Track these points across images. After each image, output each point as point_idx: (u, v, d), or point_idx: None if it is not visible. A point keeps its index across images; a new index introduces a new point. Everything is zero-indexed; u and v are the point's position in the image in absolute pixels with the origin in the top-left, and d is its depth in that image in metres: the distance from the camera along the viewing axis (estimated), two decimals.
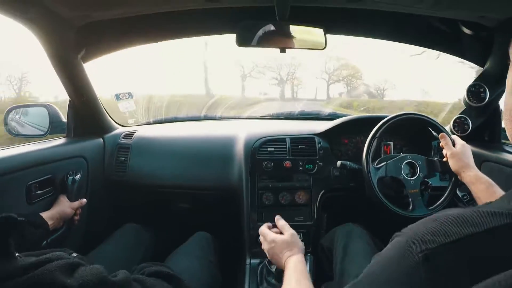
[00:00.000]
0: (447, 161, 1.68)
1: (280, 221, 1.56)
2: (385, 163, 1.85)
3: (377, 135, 1.87)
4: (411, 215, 1.72)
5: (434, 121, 1.89)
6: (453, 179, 1.75)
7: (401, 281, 0.62)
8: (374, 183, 1.82)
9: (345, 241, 1.75)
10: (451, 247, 0.58)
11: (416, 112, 1.92)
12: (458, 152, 1.65)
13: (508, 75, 0.76)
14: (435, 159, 1.83)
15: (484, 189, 1.43)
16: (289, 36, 1.78)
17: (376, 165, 1.87)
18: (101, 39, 1.98)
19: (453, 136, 1.75)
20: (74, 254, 1.18)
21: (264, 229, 1.56)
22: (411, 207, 1.77)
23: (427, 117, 1.90)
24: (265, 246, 1.51)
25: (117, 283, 0.93)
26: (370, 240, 1.75)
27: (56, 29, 1.66)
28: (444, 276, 0.57)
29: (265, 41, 1.76)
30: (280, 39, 1.78)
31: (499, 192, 1.38)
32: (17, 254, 0.82)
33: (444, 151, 1.71)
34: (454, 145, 1.70)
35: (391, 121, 1.87)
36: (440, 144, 1.72)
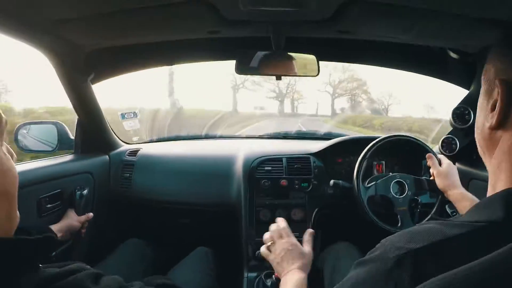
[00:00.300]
0: (434, 180, 1.76)
1: (307, 235, 1.55)
2: (374, 182, 1.94)
3: (367, 156, 1.96)
4: (399, 231, 1.78)
5: (421, 141, 1.99)
6: (440, 196, 1.83)
7: (376, 281, 0.68)
8: (364, 201, 1.91)
9: (334, 261, 1.82)
10: (418, 252, 0.65)
11: (403, 134, 2.03)
12: (444, 171, 1.73)
13: (479, 99, 0.84)
14: (423, 178, 1.92)
15: (469, 206, 1.45)
16: (284, 64, 1.87)
17: (367, 184, 1.97)
18: (110, 64, 2.10)
19: (440, 156, 1.84)
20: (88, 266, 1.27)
21: (285, 225, 1.56)
22: (399, 224, 1.86)
23: (414, 138, 2.01)
24: (278, 244, 1.47)
25: None
26: (360, 257, 1.79)
27: (68, 54, 1.75)
28: (414, 279, 0.63)
29: (262, 69, 1.86)
30: (276, 67, 1.87)
31: None
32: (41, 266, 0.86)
33: (431, 170, 1.78)
34: (440, 164, 1.78)
35: (380, 143, 1.97)
36: (427, 164, 1.80)
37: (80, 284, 0.87)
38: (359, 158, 1.98)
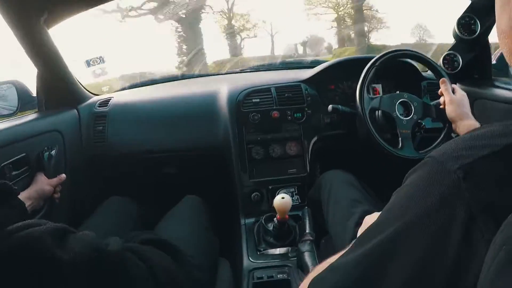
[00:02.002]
0: (443, 108, 1.62)
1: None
2: (380, 96, 1.78)
3: (377, 64, 1.79)
4: (399, 153, 1.67)
5: (428, 58, 1.81)
6: (447, 126, 1.68)
7: (440, 208, 0.52)
8: (366, 112, 1.75)
9: (330, 189, 1.69)
10: (494, 158, 0.51)
11: (410, 49, 1.84)
12: (457, 99, 1.58)
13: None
14: (432, 104, 1.76)
15: None
16: None
17: (371, 95, 1.82)
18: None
19: (453, 85, 1.68)
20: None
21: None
22: (400, 145, 1.71)
23: (421, 54, 1.82)
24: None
25: (111, 253, 0.86)
26: (357, 184, 1.70)
27: None
28: (490, 190, 0.49)
29: None
30: None
31: None
32: None
33: (442, 98, 1.64)
34: (453, 92, 1.63)
35: (385, 57, 1.79)
36: (439, 91, 1.65)
37: (38, 242, 0.72)
38: (364, 71, 1.79)
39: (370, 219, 1.06)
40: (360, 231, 1.04)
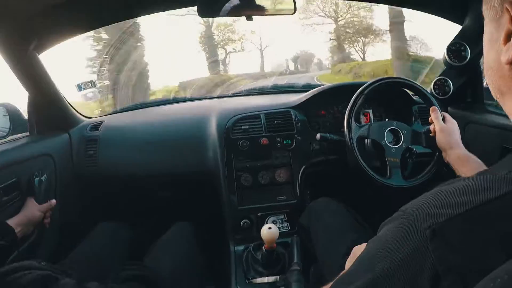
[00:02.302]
0: (433, 136, 1.61)
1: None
2: (369, 124, 1.78)
3: (360, 98, 1.77)
4: (387, 182, 1.66)
5: (418, 85, 1.81)
6: (437, 154, 1.67)
7: (407, 263, 0.56)
8: (353, 141, 1.74)
9: (319, 217, 1.70)
10: (461, 219, 0.53)
11: (399, 76, 1.85)
12: (447, 128, 1.58)
13: (484, 32, 0.72)
14: (422, 131, 1.75)
15: (475, 169, 1.34)
16: (255, 2, 1.66)
17: (360, 124, 1.81)
18: (54, 26, 1.83)
19: (444, 113, 1.67)
20: (43, 263, 1.08)
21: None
22: (388, 174, 1.70)
23: (411, 82, 1.83)
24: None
25: None
26: (346, 213, 1.69)
27: (3, 20, 1.52)
28: (457, 252, 0.51)
29: (229, 9, 1.64)
30: (246, 6, 1.66)
31: None
32: None
33: (431, 126, 1.63)
34: (444, 121, 1.62)
35: (373, 86, 1.79)
36: (430, 119, 1.64)
37: None
38: (352, 99, 1.79)
39: (358, 250, 1.07)
40: (348, 262, 1.05)
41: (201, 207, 2.29)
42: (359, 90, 1.79)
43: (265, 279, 1.63)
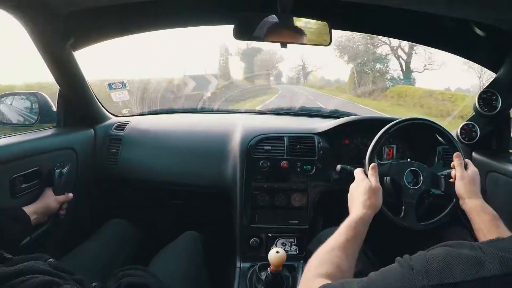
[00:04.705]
0: (453, 182, 1.58)
1: (370, 169, 1.55)
2: (390, 162, 1.73)
3: (384, 137, 1.74)
4: (401, 223, 1.62)
5: (445, 129, 1.77)
6: (454, 201, 1.62)
7: None
8: None
9: None
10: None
11: (426, 118, 1.82)
12: (468, 176, 1.54)
13: None
14: (441, 176, 1.69)
15: (488, 220, 1.33)
16: (291, 30, 1.67)
17: (382, 161, 1.77)
18: (91, 27, 1.89)
19: (466, 160, 1.64)
20: (51, 260, 1.09)
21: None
22: (402, 214, 1.66)
23: (438, 125, 1.78)
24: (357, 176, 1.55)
25: None
26: None
27: (42, 16, 1.57)
28: None
29: (264, 34, 1.66)
30: (281, 33, 1.68)
31: (503, 227, 1.29)
32: None
33: (453, 172, 1.60)
34: (466, 168, 1.59)
35: (399, 125, 1.74)
36: (452, 164, 1.61)
37: None
38: (376, 137, 1.74)
39: None
40: None
41: (212, 219, 2.29)
42: (383, 129, 1.75)
43: None
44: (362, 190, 1.44)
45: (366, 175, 1.57)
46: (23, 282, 0.75)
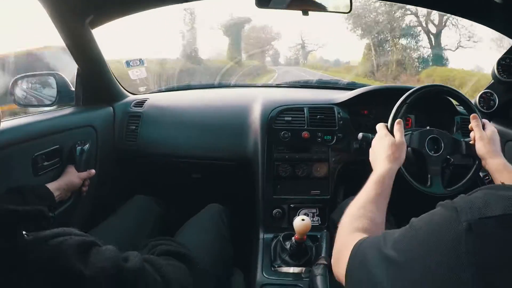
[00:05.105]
0: (473, 144, 1.57)
1: (396, 125, 1.54)
2: (410, 133, 1.72)
3: (405, 105, 1.71)
4: (428, 191, 1.62)
5: (465, 97, 1.74)
6: (477, 163, 1.62)
7: (441, 250, 0.60)
8: None
9: None
10: (494, 221, 0.57)
11: (445, 85, 1.79)
12: (487, 137, 1.53)
13: None
14: (462, 140, 1.69)
15: (510, 178, 1.33)
16: None
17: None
18: (110, 3, 1.88)
19: (484, 120, 1.62)
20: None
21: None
22: (429, 183, 1.65)
23: (455, 90, 1.76)
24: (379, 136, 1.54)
25: (131, 269, 0.88)
26: None
27: None
28: (488, 252, 0.56)
29: (287, 2, 1.64)
30: (303, 1, 1.67)
31: None
32: (24, 233, 0.76)
33: (472, 134, 1.59)
34: (484, 128, 1.57)
35: (419, 92, 1.72)
36: (470, 126, 1.59)
37: (63, 254, 0.74)
38: (396, 105, 1.72)
39: None
40: None
41: (235, 192, 2.30)
42: (402, 98, 1.72)
43: (291, 269, 1.64)
44: (386, 145, 1.44)
45: (389, 130, 1.57)
46: (62, 242, 0.76)
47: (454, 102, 2.00)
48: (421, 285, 0.62)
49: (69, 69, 2.04)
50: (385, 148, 1.43)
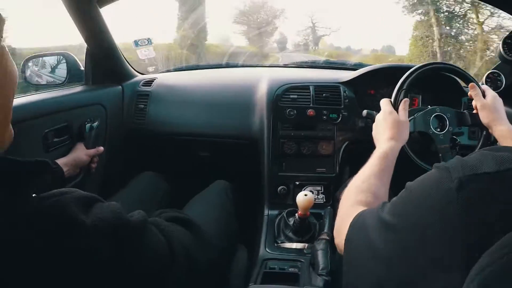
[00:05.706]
0: (477, 114, 1.56)
1: (402, 104, 1.54)
2: (412, 117, 1.69)
3: (404, 87, 1.70)
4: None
5: (464, 71, 1.74)
6: (484, 133, 1.62)
7: (432, 211, 0.61)
8: None
9: None
10: (489, 177, 0.57)
11: (445, 62, 1.79)
12: (488, 104, 1.52)
13: None
14: (465, 111, 1.69)
15: None
16: None
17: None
18: None
19: (483, 87, 1.61)
20: None
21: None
22: (441, 162, 1.65)
23: (457, 67, 1.75)
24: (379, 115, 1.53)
25: (132, 222, 0.88)
26: None
27: None
28: (479, 209, 0.55)
29: None
30: None
31: None
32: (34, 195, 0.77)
33: (473, 103, 1.58)
34: (484, 96, 1.57)
35: (420, 71, 1.71)
36: (469, 94, 1.60)
37: (64, 207, 0.74)
38: (397, 86, 1.71)
39: None
40: None
41: (241, 169, 2.31)
42: (405, 75, 1.72)
43: (294, 245, 1.65)
44: (390, 122, 1.44)
45: (393, 106, 1.57)
46: (63, 194, 0.77)
47: (462, 84, 1.99)
48: (415, 248, 0.63)
49: None
50: (388, 125, 1.43)
